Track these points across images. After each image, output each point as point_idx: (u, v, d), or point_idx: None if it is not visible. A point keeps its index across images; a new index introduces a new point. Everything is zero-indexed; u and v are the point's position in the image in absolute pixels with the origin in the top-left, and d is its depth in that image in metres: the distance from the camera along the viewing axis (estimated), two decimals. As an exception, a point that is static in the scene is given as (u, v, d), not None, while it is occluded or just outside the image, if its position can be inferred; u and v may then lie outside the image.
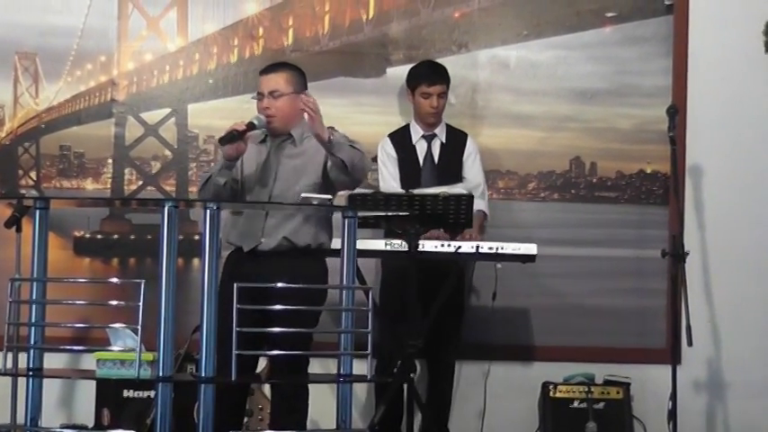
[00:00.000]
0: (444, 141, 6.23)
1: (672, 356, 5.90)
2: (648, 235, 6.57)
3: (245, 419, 5.91)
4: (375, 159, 6.27)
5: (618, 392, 6.28)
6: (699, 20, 6.57)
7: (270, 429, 5.44)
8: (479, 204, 6.01)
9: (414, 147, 6.22)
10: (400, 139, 6.26)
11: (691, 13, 6.57)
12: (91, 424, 6.08)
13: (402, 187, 6.05)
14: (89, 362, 4.55)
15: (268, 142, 5.23)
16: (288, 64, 5.35)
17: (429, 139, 6.23)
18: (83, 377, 5.72)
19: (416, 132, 6.25)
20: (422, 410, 5.85)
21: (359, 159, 5.05)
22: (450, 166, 6.18)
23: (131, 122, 6.59)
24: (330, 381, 5.09)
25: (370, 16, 6.64)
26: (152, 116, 6.61)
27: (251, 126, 5.00)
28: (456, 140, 6.25)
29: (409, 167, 6.19)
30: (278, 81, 5.19)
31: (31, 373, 4.49)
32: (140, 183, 6.61)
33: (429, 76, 6.18)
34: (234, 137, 4.94)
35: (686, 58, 6.57)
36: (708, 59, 6.57)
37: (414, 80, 6.22)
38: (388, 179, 6.17)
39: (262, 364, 5.37)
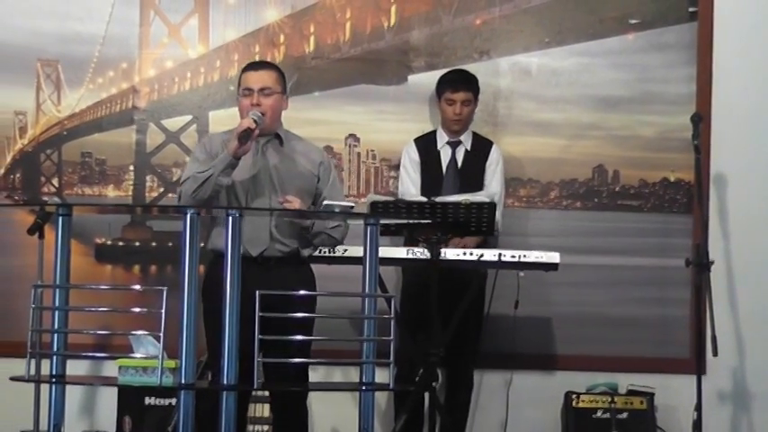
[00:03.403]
0: (469, 149, 6.22)
1: (696, 366, 5.86)
2: (672, 244, 6.53)
3: (267, 428, 5.89)
4: (399, 166, 6.31)
5: (641, 402, 6.23)
6: (723, 27, 6.53)
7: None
8: None
9: (438, 152, 6.21)
10: (425, 144, 6.25)
11: (715, 19, 6.53)
12: (112, 431, 6.08)
13: (423, 193, 6.03)
14: (111, 369, 4.54)
15: (251, 142, 5.01)
16: (274, 64, 5.27)
17: (454, 145, 6.22)
18: (105, 384, 5.71)
19: (442, 138, 6.24)
20: (443, 419, 5.81)
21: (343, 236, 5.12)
22: (473, 174, 6.16)
23: (152, 129, 6.59)
24: (352, 389, 5.06)
25: (392, 23, 6.62)
26: (173, 123, 6.61)
27: (256, 124, 4.89)
28: (481, 148, 6.23)
29: (432, 173, 6.17)
30: (269, 78, 5.09)
31: (53, 380, 4.48)
32: (161, 190, 6.61)
33: (453, 82, 6.18)
34: (249, 134, 4.83)
35: (710, 65, 6.54)
36: (732, 67, 6.53)
37: (440, 86, 6.23)
38: (408, 184, 6.16)
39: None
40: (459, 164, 6.19)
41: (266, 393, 5.63)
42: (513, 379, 6.32)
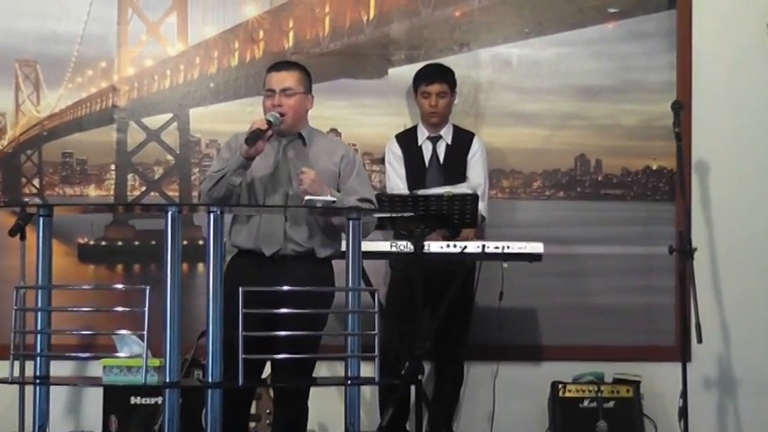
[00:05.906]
0: (450, 143, 6.21)
1: (682, 354, 5.87)
2: (655, 232, 6.54)
3: (254, 424, 5.89)
4: (382, 160, 6.30)
5: (628, 391, 6.25)
6: (702, 14, 6.53)
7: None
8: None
9: (420, 148, 6.21)
10: (407, 139, 6.24)
11: (694, 7, 6.54)
12: (99, 431, 6.06)
13: (408, 188, 6.04)
14: (96, 369, 4.53)
15: (274, 142, 5.08)
16: (298, 64, 5.25)
17: (434, 140, 6.22)
18: (90, 384, 5.70)
19: (422, 134, 6.24)
20: (430, 411, 5.82)
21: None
22: (456, 167, 6.16)
23: (133, 128, 6.57)
24: (338, 383, 5.06)
25: (371, 17, 6.61)
26: (154, 121, 6.59)
27: (270, 124, 4.92)
28: (462, 141, 6.23)
29: (415, 168, 6.17)
30: (291, 79, 5.07)
31: (38, 381, 4.47)
32: (143, 188, 6.59)
33: (427, 75, 6.18)
34: (258, 136, 4.83)
35: (690, 52, 6.54)
36: (712, 54, 6.54)
37: (415, 81, 6.23)
38: (395, 179, 6.16)
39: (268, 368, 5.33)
40: (442, 159, 6.19)
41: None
42: (499, 370, 6.31)
